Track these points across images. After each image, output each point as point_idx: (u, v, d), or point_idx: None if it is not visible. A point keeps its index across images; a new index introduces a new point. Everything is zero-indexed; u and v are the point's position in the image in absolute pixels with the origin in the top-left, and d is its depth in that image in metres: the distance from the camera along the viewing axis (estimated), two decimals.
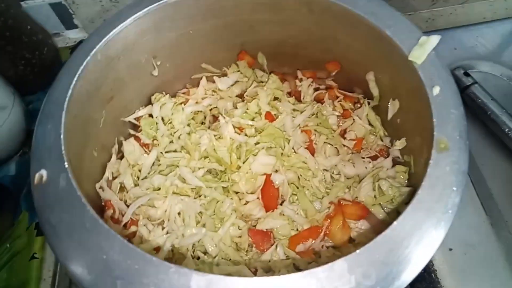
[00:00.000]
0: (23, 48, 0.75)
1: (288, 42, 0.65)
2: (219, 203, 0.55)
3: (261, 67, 0.70)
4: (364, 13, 0.50)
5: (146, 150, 0.61)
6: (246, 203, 0.57)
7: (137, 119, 0.62)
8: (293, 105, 0.64)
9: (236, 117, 0.61)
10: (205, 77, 0.68)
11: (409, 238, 0.35)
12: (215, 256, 0.52)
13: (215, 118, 0.66)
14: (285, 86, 0.68)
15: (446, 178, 0.38)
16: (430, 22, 1.03)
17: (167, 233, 0.53)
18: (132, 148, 0.59)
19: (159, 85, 0.65)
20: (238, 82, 0.69)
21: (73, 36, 0.91)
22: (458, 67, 0.79)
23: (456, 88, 0.43)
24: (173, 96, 0.67)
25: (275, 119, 0.62)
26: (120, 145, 0.60)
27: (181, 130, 0.62)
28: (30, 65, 0.76)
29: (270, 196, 0.57)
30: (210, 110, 0.67)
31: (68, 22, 0.87)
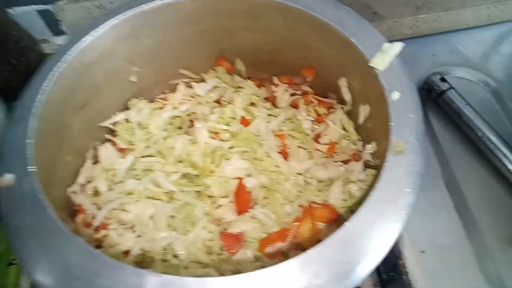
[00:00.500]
0: (9, 54, 0.75)
1: (265, 48, 0.66)
2: (191, 207, 0.56)
3: (239, 73, 0.71)
4: (331, 21, 0.52)
5: (122, 155, 0.62)
6: (218, 206, 0.58)
7: (113, 124, 0.63)
8: (268, 110, 0.65)
9: (211, 122, 0.62)
10: (183, 83, 0.69)
11: (361, 238, 0.36)
12: (185, 259, 0.53)
13: (192, 123, 0.67)
14: (262, 91, 0.69)
15: (400, 180, 0.39)
16: (414, 29, 1.04)
17: (138, 236, 0.53)
18: (108, 152, 0.60)
19: (137, 91, 0.66)
20: (216, 87, 0.70)
21: (60, 43, 0.92)
22: (435, 73, 0.80)
23: (416, 94, 0.45)
24: (151, 101, 0.68)
25: (250, 124, 0.63)
26: (95, 150, 0.61)
27: (157, 135, 0.63)
28: (15, 71, 0.77)
29: (243, 200, 0.58)
30: (188, 115, 0.68)
31: (55, 28, 0.88)
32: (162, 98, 0.69)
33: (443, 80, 0.79)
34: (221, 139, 0.62)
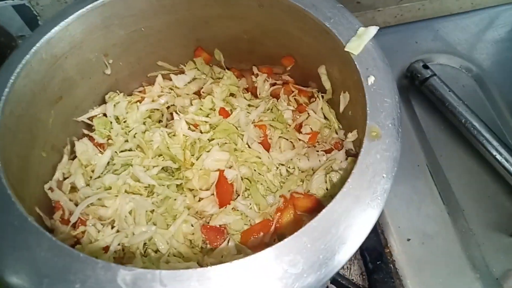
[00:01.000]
0: None
1: (243, 37, 0.65)
2: (172, 201, 0.55)
3: (219, 63, 0.70)
4: (305, 6, 0.51)
5: (101, 150, 0.61)
6: (200, 200, 0.57)
7: (90, 118, 0.62)
8: (248, 101, 0.64)
9: (190, 114, 0.61)
10: (161, 75, 0.68)
11: (338, 225, 0.35)
12: (166, 253, 0.52)
13: (172, 116, 0.66)
14: (242, 82, 0.68)
15: (376, 166, 0.38)
16: (398, 18, 1.04)
17: (117, 232, 0.52)
18: (85, 148, 0.59)
19: (114, 84, 0.64)
20: (196, 79, 0.69)
21: None
22: (417, 60, 0.80)
23: (392, 78, 0.44)
24: (130, 95, 0.67)
25: (230, 115, 0.62)
26: (72, 146, 0.59)
27: (136, 129, 0.62)
28: None
29: (224, 192, 0.57)
30: (168, 108, 0.67)
31: (34, 24, 0.86)
32: (140, 91, 0.68)
33: (425, 67, 0.78)
34: (200, 131, 0.61)
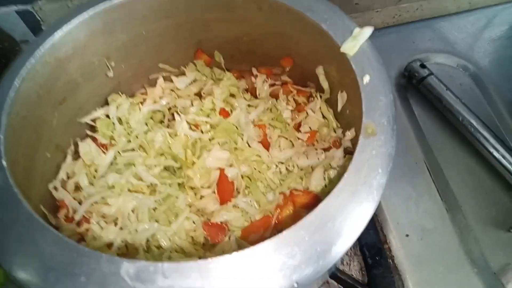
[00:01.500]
0: None
1: (243, 39, 0.66)
2: (174, 199, 0.56)
3: (219, 65, 0.71)
4: (302, 8, 0.52)
5: (104, 150, 0.62)
6: (201, 197, 0.58)
7: (93, 120, 0.63)
8: (248, 101, 0.66)
9: (191, 114, 0.62)
10: (163, 77, 0.69)
11: (334, 219, 0.36)
12: (168, 250, 0.53)
13: (173, 117, 0.67)
14: (242, 83, 0.70)
15: (372, 161, 0.39)
16: (396, 18, 1.05)
17: (121, 229, 0.53)
18: (88, 148, 0.60)
19: (116, 86, 0.65)
20: (196, 80, 0.70)
21: None
22: (415, 60, 0.81)
23: (386, 77, 0.45)
24: (132, 96, 0.68)
25: (230, 115, 0.63)
26: (76, 146, 0.61)
27: (138, 130, 0.63)
28: None
29: (225, 190, 0.58)
30: (169, 109, 0.68)
31: (37, 29, 0.87)
32: (142, 93, 0.69)
33: (423, 66, 0.80)
34: (201, 131, 0.62)
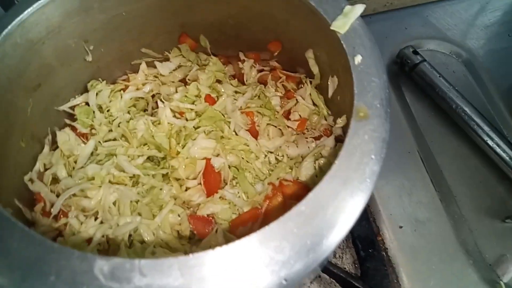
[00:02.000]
0: None
1: (228, 22, 0.63)
2: (157, 191, 0.54)
3: (205, 50, 0.68)
4: None
5: (84, 140, 0.59)
6: (186, 189, 0.55)
7: (72, 107, 0.60)
8: (235, 87, 0.63)
9: (175, 101, 0.59)
10: (146, 62, 0.66)
11: (325, 209, 0.34)
12: (152, 244, 0.50)
13: (157, 105, 0.64)
14: (229, 69, 0.67)
15: (364, 147, 0.36)
16: (388, 6, 1.03)
17: (101, 223, 0.50)
18: (67, 138, 0.57)
19: (96, 72, 0.62)
20: (182, 66, 0.67)
21: None
22: (407, 46, 0.79)
23: (379, 56, 0.42)
24: (113, 83, 0.65)
25: (216, 102, 0.60)
26: (54, 136, 0.57)
27: (120, 118, 0.60)
28: None
29: (212, 181, 0.55)
30: (153, 96, 0.65)
31: (8, 3, 0.82)
32: (124, 80, 0.65)
33: (415, 53, 0.77)
34: (186, 119, 0.59)
